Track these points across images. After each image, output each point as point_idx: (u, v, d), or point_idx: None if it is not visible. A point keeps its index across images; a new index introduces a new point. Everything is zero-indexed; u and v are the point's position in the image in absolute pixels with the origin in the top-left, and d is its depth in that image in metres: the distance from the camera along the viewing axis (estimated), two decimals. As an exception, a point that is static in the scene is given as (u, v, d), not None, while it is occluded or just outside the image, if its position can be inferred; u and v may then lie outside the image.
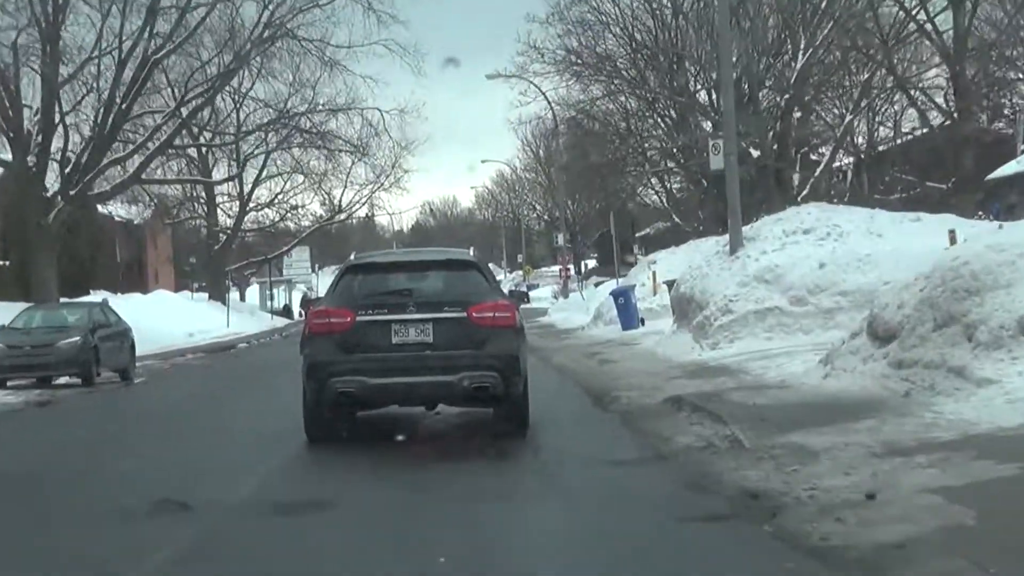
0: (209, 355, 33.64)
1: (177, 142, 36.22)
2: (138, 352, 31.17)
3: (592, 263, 76.84)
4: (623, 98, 42.68)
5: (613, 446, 10.25)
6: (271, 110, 38.00)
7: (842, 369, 11.69)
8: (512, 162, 78.05)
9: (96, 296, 46.44)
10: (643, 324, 27.22)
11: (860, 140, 36.06)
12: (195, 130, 41.60)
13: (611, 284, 39.12)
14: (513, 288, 40.32)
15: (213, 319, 46.58)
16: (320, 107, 38.47)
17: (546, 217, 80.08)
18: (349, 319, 10.06)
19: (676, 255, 29.25)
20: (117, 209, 56.71)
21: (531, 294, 60.32)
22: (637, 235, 79.33)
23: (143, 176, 35.19)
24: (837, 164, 33.30)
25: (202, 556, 6.49)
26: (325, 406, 10.24)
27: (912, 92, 27.51)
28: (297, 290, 67.36)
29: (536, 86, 41.93)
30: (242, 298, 63.26)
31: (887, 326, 11.11)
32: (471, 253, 12.89)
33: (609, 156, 41.99)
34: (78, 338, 20.86)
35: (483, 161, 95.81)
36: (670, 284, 24.09)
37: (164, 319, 42.18)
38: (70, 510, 8.06)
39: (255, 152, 46.48)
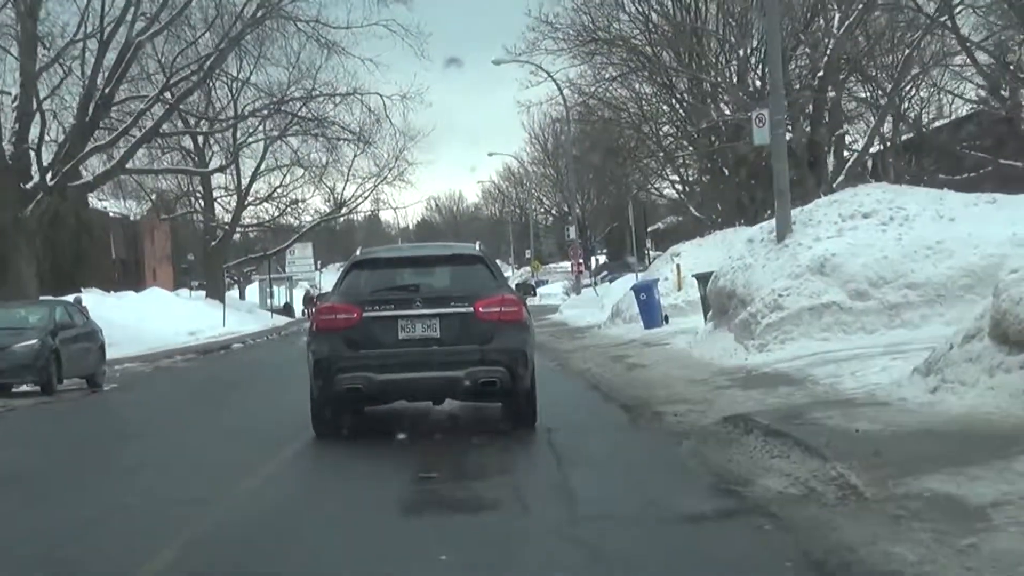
0: (199, 356, 31.09)
1: (168, 130, 33.41)
2: (125, 353, 28.83)
3: (602, 259, 74.04)
4: (637, 84, 40.15)
5: (672, 489, 7.57)
6: (264, 95, 35.22)
7: (958, 382, 8.97)
8: (519, 155, 75.10)
9: (87, 294, 44.16)
10: (667, 322, 24.54)
11: (887, 123, 33.17)
12: (190, 120, 38.92)
13: (629, 279, 36.56)
14: (520, 282, 37.76)
15: (209, 318, 43.96)
16: (317, 92, 35.71)
17: (554, 212, 77.25)
18: (356, 315, 9.86)
19: (702, 247, 26.51)
20: (113, 204, 54.33)
21: (540, 290, 57.64)
22: (648, 230, 76.58)
23: (128, 166, 32.41)
24: (876, 148, 30.46)
25: None
26: (332, 402, 10.03)
27: (975, 55, 24.69)
28: (299, 287, 64.64)
29: (544, 70, 39.10)
30: (242, 296, 60.61)
31: (1023, 327, 8.40)
32: (477, 247, 11.84)
33: (622, 142, 39.27)
34: (35, 341, 18.17)
35: (490, 154, 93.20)
36: (701, 278, 21.39)
37: (157, 319, 39.80)
38: None
39: (249, 140, 43.72)
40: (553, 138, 68.42)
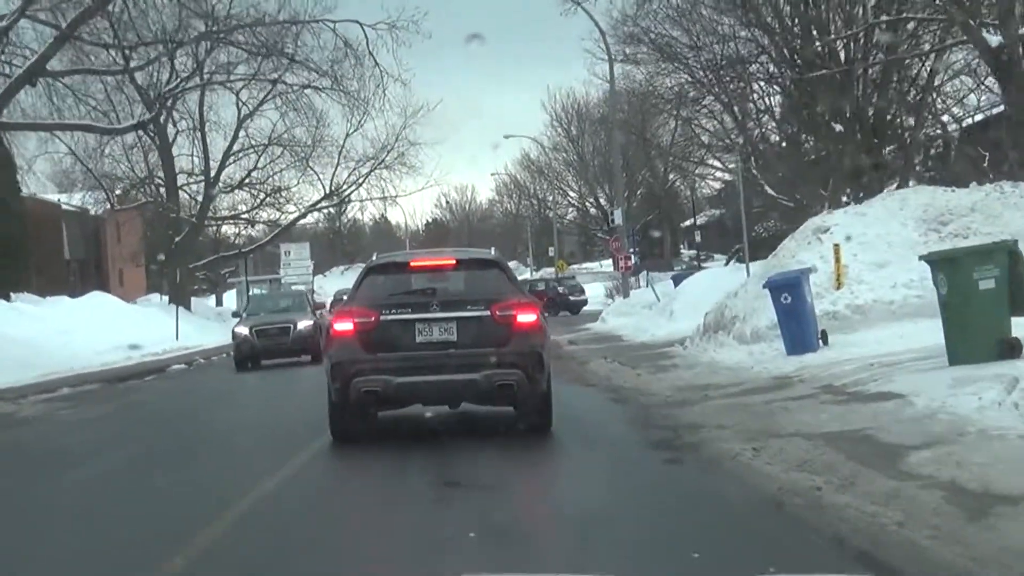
0: (106, 386, 20.81)
1: (64, 68, 22.82)
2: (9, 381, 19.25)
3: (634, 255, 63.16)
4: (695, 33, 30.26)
5: None
6: (195, 15, 24.58)
7: None
8: (540, 140, 64.05)
9: (20, 300, 34.16)
10: (825, 342, 14.02)
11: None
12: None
13: (705, 278, 26.29)
14: (530, 290, 29.15)
15: (159, 330, 33.57)
16: (264, 14, 25.31)
17: (576, 205, 66.27)
18: (373, 318, 9.56)
19: (867, 217, 15.79)
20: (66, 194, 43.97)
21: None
22: (686, 224, 65.82)
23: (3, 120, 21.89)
24: None
25: None
26: (349, 406, 9.71)
27: None
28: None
29: (584, 8, 28.91)
30: (219, 302, 50.09)
31: None
32: (492, 252, 10.90)
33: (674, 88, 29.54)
34: None
35: (506, 136, 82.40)
36: (944, 263, 10.77)
37: (89, 332, 29.91)
38: None
39: (178, 88, 32.77)
40: (578, 119, 57.78)
